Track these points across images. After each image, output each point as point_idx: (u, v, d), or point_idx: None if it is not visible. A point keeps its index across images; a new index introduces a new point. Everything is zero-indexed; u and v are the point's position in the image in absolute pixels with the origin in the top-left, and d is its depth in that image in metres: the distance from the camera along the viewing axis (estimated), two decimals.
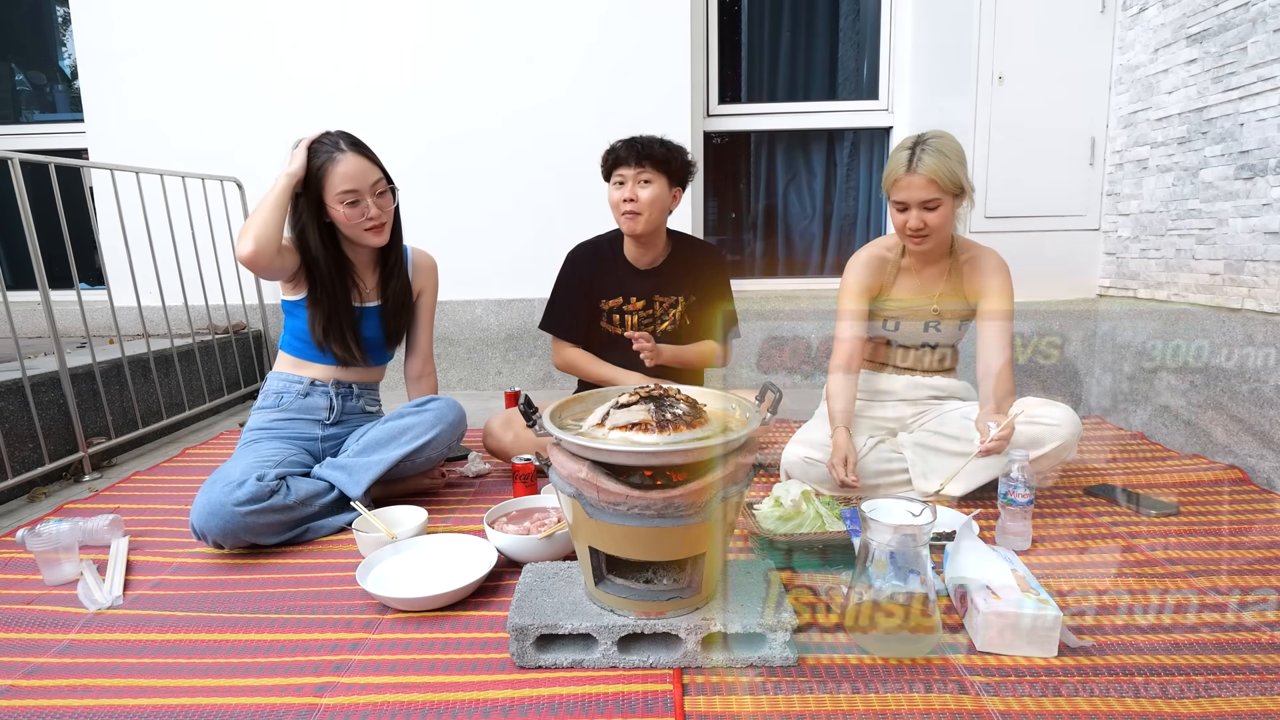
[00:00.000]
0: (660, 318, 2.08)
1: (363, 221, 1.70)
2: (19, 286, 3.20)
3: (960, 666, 1.11)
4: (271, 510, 1.54)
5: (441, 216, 3.04)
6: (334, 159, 1.66)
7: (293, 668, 1.15)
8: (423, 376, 2.02)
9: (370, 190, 1.69)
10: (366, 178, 1.68)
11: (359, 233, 1.72)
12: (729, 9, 3.25)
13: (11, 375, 2.02)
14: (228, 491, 1.50)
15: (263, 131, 3.01)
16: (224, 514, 1.48)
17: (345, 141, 1.69)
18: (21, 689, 1.11)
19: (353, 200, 1.67)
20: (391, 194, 1.76)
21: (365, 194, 1.68)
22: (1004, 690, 1.05)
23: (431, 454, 1.77)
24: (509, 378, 3.16)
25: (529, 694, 1.07)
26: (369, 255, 1.84)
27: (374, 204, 1.69)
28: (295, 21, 2.95)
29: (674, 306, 2.07)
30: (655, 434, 1.06)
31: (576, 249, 2.12)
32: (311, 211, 1.70)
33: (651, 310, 2.07)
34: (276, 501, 1.55)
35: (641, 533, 1.07)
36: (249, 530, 1.51)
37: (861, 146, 3.32)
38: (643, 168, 1.89)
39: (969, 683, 1.07)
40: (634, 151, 1.89)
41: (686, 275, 2.06)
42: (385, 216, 1.73)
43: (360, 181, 1.67)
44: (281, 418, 1.82)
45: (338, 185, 1.66)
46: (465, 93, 2.98)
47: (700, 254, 2.09)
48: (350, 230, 1.72)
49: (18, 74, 3.49)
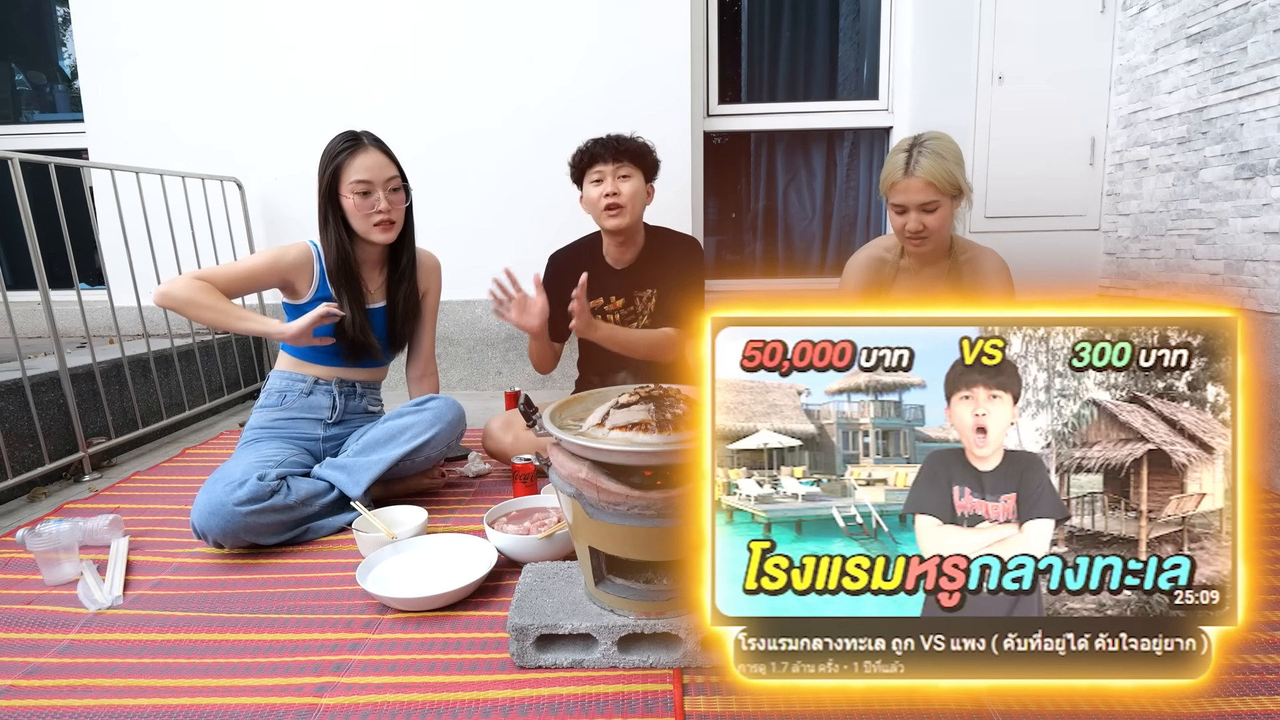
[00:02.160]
0: (641, 313, 2.08)
1: (371, 214, 1.71)
2: (19, 286, 3.19)
3: None
4: (272, 510, 1.54)
5: (441, 217, 3.04)
6: (354, 151, 1.70)
7: (293, 668, 1.15)
8: (424, 377, 2.02)
9: (384, 185, 1.72)
10: (381, 172, 1.72)
11: (367, 226, 1.73)
12: (729, 9, 3.25)
13: (11, 375, 2.02)
14: (228, 491, 1.50)
15: (263, 131, 3.01)
16: (225, 513, 1.48)
17: (368, 137, 1.74)
18: (21, 689, 1.11)
19: (364, 190, 1.70)
20: (405, 193, 1.78)
21: (378, 187, 1.71)
22: (1004, 690, 1.05)
23: (431, 453, 1.78)
24: (509, 378, 3.16)
25: (529, 694, 1.07)
26: (377, 255, 1.85)
27: (385, 198, 1.72)
28: (295, 22, 2.95)
29: (650, 300, 2.07)
30: (655, 434, 1.06)
31: (556, 252, 2.15)
32: (331, 208, 1.73)
33: (633, 307, 2.07)
34: (277, 501, 1.55)
35: (641, 533, 1.07)
36: (249, 530, 1.51)
37: (861, 146, 3.32)
38: (621, 162, 1.91)
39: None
40: (610, 148, 1.91)
41: (658, 266, 2.06)
42: (394, 214, 1.75)
43: (374, 174, 1.70)
44: (284, 417, 1.82)
45: (352, 175, 1.69)
46: (465, 92, 2.98)
47: (673, 245, 2.08)
48: (358, 222, 1.73)
49: (18, 74, 3.49)
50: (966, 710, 1.01)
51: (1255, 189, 1.94)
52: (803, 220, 3.44)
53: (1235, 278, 2.03)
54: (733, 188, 3.44)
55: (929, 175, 1.64)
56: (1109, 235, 2.64)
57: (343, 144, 1.71)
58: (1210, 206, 2.11)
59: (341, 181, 1.70)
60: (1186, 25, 2.19)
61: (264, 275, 1.75)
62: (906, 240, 1.75)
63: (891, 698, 1.04)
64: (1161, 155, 2.33)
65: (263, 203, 3.07)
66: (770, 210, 3.43)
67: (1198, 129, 2.16)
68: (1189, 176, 2.20)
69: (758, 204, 3.43)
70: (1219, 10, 2.05)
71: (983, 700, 1.03)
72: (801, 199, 3.41)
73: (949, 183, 1.65)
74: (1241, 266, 2.00)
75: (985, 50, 2.55)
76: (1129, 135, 2.50)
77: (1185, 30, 2.20)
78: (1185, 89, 2.21)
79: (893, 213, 1.75)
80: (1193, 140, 2.18)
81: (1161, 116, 2.32)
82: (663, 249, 2.07)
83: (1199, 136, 2.15)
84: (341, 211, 1.73)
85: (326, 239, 1.76)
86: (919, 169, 1.65)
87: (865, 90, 3.23)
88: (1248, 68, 1.95)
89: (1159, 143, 2.33)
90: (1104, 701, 1.02)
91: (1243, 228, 1.99)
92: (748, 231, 3.48)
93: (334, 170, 1.70)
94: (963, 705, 1.02)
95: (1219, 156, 2.07)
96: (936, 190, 1.65)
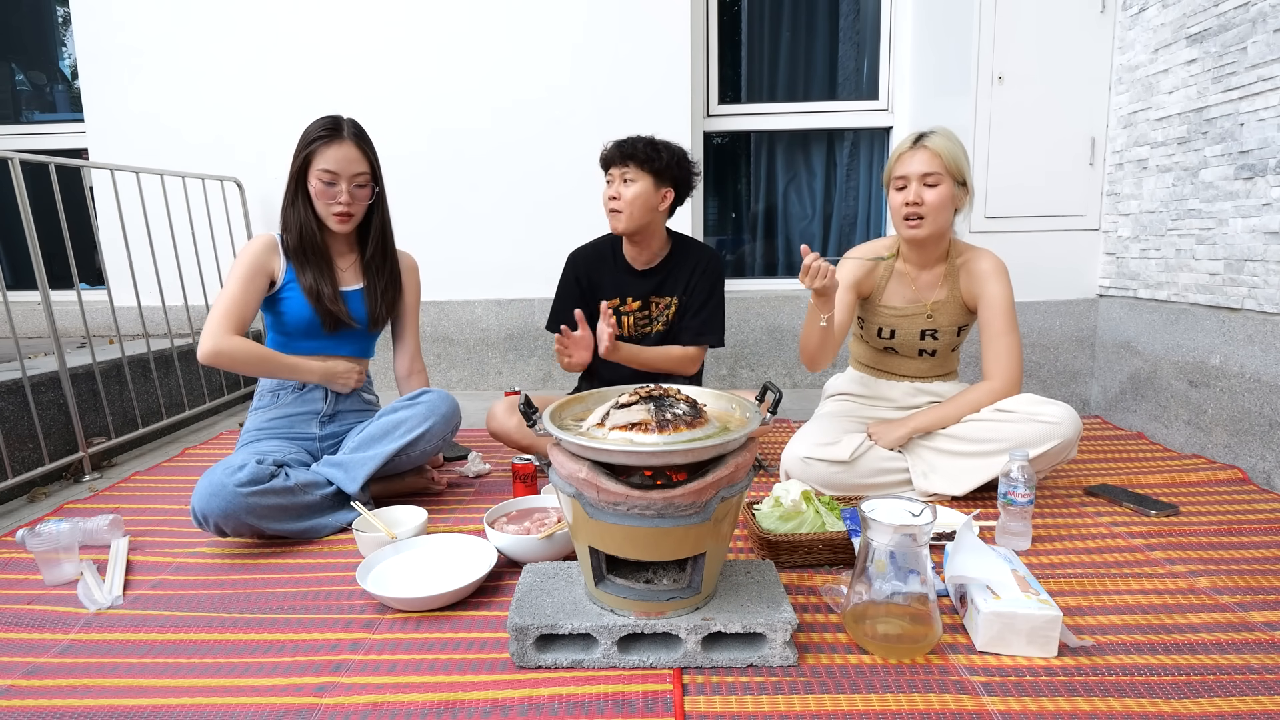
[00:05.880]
0: (656, 318, 2.08)
1: (332, 204, 1.73)
2: (19, 286, 3.20)
3: (960, 666, 1.11)
4: (272, 492, 1.54)
5: (441, 217, 3.04)
6: (329, 141, 1.71)
7: (293, 668, 1.15)
8: (411, 375, 2.01)
9: (349, 179, 1.73)
10: (349, 167, 1.73)
11: (326, 212, 1.75)
12: (729, 9, 3.25)
13: (11, 375, 2.02)
14: (229, 473, 1.51)
15: (263, 131, 3.01)
16: (225, 494, 1.48)
17: (349, 129, 1.74)
18: (21, 689, 1.11)
19: (329, 181, 1.72)
20: (372, 190, 1.79)
21: (343, 180, 1.72)
22: (1004, 690, 1.05)
23: (426, 447, 1.77)
24: (509, 378, 3.16)
25: (529, 694, 1.07)
26: (346, 237, 1.86)
27: (347, 192, 1.73)
28: (295, 22, 2.95)
29: (669, 308, 2.07)
30: (655, 434, 1.06)
31: (577, 250, 2.13)
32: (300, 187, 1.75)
33: (648, 311, 2.07)
34: (277, 484, 1.56)
35: (641, 533, 1.07)
36: (250, 512, 1.51)
37: (861, 146, 3.32)
38: (626, 166, 1.91)
39: (969, 683, 1.07)
40: (619, 150, 1.92)
41: (681, 277, 2.06)
42: (354, 208, 1.76)
43: (341, 167, 1.72)
44: (279, 415, 1.82)
45: (321, 163, 1.71)
46: (465, 92, 2.98)
47: (696, 257, 2.08)
48: (320, 206, 1.75)
49: (18, 74, 3.49)
50: (966, 710, 1.02)
51: (1255, 189, 1.94)
52: (803, 220, 3.44)
53: (1235, 278, 2.03)
54: (733, 188, 3.44)
55: (935, 147, 1.68)
56: (1109, 235, 2.64)
57: (320, 131, 1.72)
58: (1210, 206, 2.11)
59: (311, 166, 1.72)
60: (1186, 25, 2.19)
61: (260, 282, 1.75)
62: (902, 221, 1.74)
63: (890, 698, 1.04)
64: (1161, 155, 2.32)
65: (263, 203, 3.08)
66: (770, 210, 3.43)
67: (1198, 129, 2.15)
68: (1189, 176, 2.20)
69: (758, 204, 3.43)
70: (1219, 10, 2.05)
71: (983, 700, 1.03)
72: (801, 199, 3.42)
73: (953, 161, 1.68)
74: (1241, 266, 2.00)
75: (985, 50, 2.55)
76: (1129, 135, 2.49)
77: (1185, 30, 2.19)
78: (1185, 89, 2.20)
79: (893, 191, 1.75)
80: (1193, 140, 2.18)
81: (1161, 116, 2.32)
82: (685, 259, 2.07)
83: (1199, 136, 2.15)
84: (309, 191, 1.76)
85: (292, 215, 1.77)
86: (928, 141, 1.69)
87: (865, 90, 3.23)
88: (1248, 68, 1.95)
89: (1159, 143, 2.33)
90: (1104, 701, 1.03)
91: (1243, 228, 1.99)
92: (748, 231, 3.48)
93: (306, 155, 1.72)
94: (963, 705, 1.02)
95: (1219, 156, 2.07)
96: (941, 164, 1.67)
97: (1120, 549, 1.53)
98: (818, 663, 1.13)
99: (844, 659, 1.14)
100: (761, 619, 1.12)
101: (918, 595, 1.12)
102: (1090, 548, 1.53)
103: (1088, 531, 1.61)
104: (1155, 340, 2.36)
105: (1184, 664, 1.12)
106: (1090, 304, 2.72)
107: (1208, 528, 1.63)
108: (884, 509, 1.15)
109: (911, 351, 1.90)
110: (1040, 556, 1.49)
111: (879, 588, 1.14)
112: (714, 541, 1.12)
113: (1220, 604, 1.30)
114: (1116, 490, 1.82)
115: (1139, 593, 1.34)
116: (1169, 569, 1.43)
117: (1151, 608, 1.29)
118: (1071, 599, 1.32)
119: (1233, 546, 1.53)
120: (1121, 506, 1.75)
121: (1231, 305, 2.04)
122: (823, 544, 1.45)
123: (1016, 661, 1.12)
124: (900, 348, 1.90)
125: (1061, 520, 1.67)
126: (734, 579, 1.24)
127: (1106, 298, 2.67)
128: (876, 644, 1.14)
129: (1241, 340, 1.99)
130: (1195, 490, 1.85)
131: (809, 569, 1.45)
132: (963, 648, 1.16)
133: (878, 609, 1.15)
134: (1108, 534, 1.60)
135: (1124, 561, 1.47)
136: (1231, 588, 1.36)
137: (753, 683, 1.08)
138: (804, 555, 1.45)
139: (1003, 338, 1.77)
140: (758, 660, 1.12)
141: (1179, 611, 1.28)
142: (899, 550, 1.12)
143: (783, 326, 3.07)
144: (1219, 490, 1.85)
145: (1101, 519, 1.68)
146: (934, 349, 1.88)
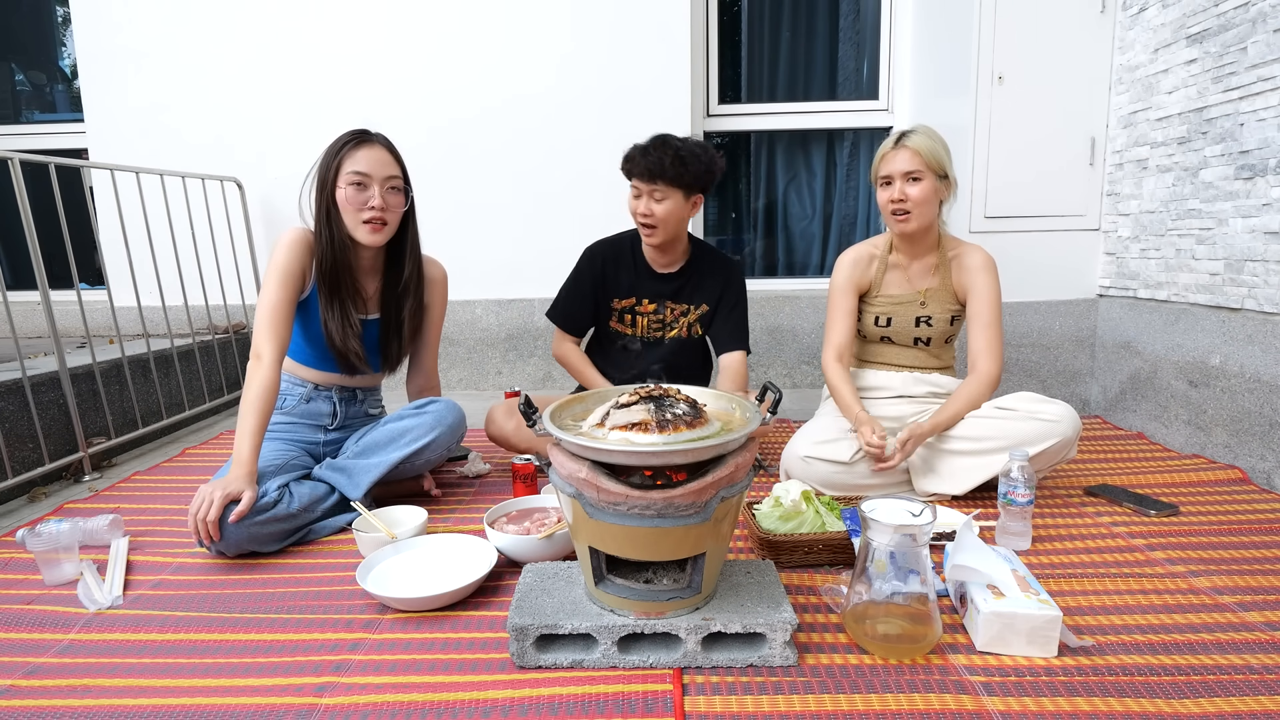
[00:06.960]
0: (670, 324, 2.08)
1: (363, 209, 1.63)
2: (19, 286, 3.20)
3: (960, 666, 1.11)
4: (275, 520, 1.54)
5: (441, 217, 3.04)
6: (359, 143, 1.64)
7: (293, 668, 1.15)
8: (424, 392, 1.98)
9: (381, 181, 1.64)
10: (381, 168, 1.64)
11: (355, 221, 1.64)
12: (729, 9, 3.25)
13: (11, 375, 2.02)
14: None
15: (263, 131, 3.01)
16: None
17: (377, 136, 1.69)
18: (21, 689, 1.11)
19: (359, 182, 1.62)
20: (405, 197, 1.71)
21: (375, 182, 1.63)
22: (1004, 690, 1.05)
23: (431, 456, 1.77)
24: (509, 378, 3.16)
25: (529, 694, 1.07)
26: (371, 259, 1.76)
27: (380, 195, 1.64)
28: (295, 22, 2.95)
29: (684, 315, 2.07)
30: (655, 434, 1.06)
31: (596, 244, 2.10)
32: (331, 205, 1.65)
33: (662, 316, 2.07)
34: (280, 511, 1.55)
35: (641, 533, 1.07)
36: (252, 540, 1.51)
37: (861, 146, 3.32)
38: (655, 185, 1.86)
39: (969, 683, 1.07)
40: (646, 169, 1.85)
41: (702, 286, 2.06)
42: (388, 215, 1.66)
43: (373, 168, 1.63)
44: (283, 420, 1.81)
45: (350, 166, 1.62)
46: (465, 92, 2.98)
47: (720, 267, 2.07)
48: (348, 217, 1.64)
49: (18, 74, 3.49)
50: (966, 710, 1.02)
51: (1255, 189, 1.94)
52: (803, 220, 3.44)
53: (1235, 278, 2.03)
54: (733, 187, 3.44)
55: (916, 146, 1.75)
56: (1109, 235, 2.64)
57: (350, 136, 1.65)
58: (1210, 206, 2.11)
59: (340, 173, 1.62)
60: (1186, 25, 2.19)
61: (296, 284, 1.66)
62: (891, 216, 1.81)
63: (891, 698, 1.04)
64: (1161, 155, 2.32)
65: (263, 203, 3.08)
66: (770, 210, 3.43)
67: (1198, 129, 2.15)
68: (1189, 176, 2.20)
69: (758, 204, 3.43)
70: (1219, 10, 2.05)
71: (983, 700, 1.03)
72: (801, 199, 3.42)
73: (934, 157, 1.75)
74: (1241, 266, 2.00)
75: (985, 50, 2.55)
76: (1129, 135, 2.49)
77: (1185, 30, 2.19)
78: (1185, 89, 2.20)
79: (880, 189, 1.83)
80: (1193, 140, 2.18)
81: (1161, 116, 2.32)
82: (707, 269, 2.06)
83: (1199, 136, 2.15)
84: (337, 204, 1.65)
85: (322, 238, 1.67)
86: (908, 140, 1.77)
87: (865, 90, 3.23)
88: (1248, 68, 1.95)
89: (1159, 143, 2.33)
90: (1104, 701, 1.03)
91: (1243, 228, 1.99)
92: (748, 231, 3.48)
93: (337, 163, 1.63)
94: (963, 705, 1.02)
95: (1219, 156, 2.07)
96: (922, 160, 1.75)
97: (1120, 549, 1.53)
98: (818, 663, 1.13)
99: (844, 659, 1.14)
100: (761, 619, 1.12)
101: (918, 595, 1.13)
102: (1090, 548, 1.53)
103: (1088, 531, 1.61)
104: (1155, 340, 2.36)
105: (1184, 664, 1.12)
106: (1090, 304, 2.72)
107: (1208, 528, 1.63)
108: (884, 509, 1.15)
109: (907, 340, 1.92)
110: (1040, 556, 1.49)
111: (879, 588, 1.14)
112: (714, 541, 1.12)
113: (1220, 604, 1.30)
114: (1116, 490, 1.82)
115: (1139, 593, 1.34)
116: (1169, 569, 1.43)
117: (1151, 608, 1.29)
118: (1071, 599, 1.32)
119: (1233, 546, 1.53)
120: (1121, 506, 1.75)
121: (1231, 305, 2.04)
122: (823, 544, 1.45)
123: (1016, 661, 1.12)
124: (896, 336, 1.92)
125: (1061, 520, 1.67)
126: (734, 579, 1.24)
127: (1106, 298, 2.67)
128: (876, 644, 1.14)
129: (1241, 340, 1.99)
130: (1195, 490, 1.85)
131: (809, 569, 1.45)
132: (963, 648, 1.16)
133: (878, 609, 1.15)
134: (1108, 534, 1.60)
135: (1124, 561, 1.47)
136: (1231, 588, 1.36)
137: (753, 683, 1.08)
138: (804, 555, 1.45)
139: (990, 328, 1.83)
140: (758, 660, 1.12)
141: (1179, 611, 1.28)
142: (899, 550, 1.12)
143: (783, 326, 3.07)
144: (1219, 490, 1.85)
145: (1101, 519, 1.68)
146: (929, 337, 1.91)
